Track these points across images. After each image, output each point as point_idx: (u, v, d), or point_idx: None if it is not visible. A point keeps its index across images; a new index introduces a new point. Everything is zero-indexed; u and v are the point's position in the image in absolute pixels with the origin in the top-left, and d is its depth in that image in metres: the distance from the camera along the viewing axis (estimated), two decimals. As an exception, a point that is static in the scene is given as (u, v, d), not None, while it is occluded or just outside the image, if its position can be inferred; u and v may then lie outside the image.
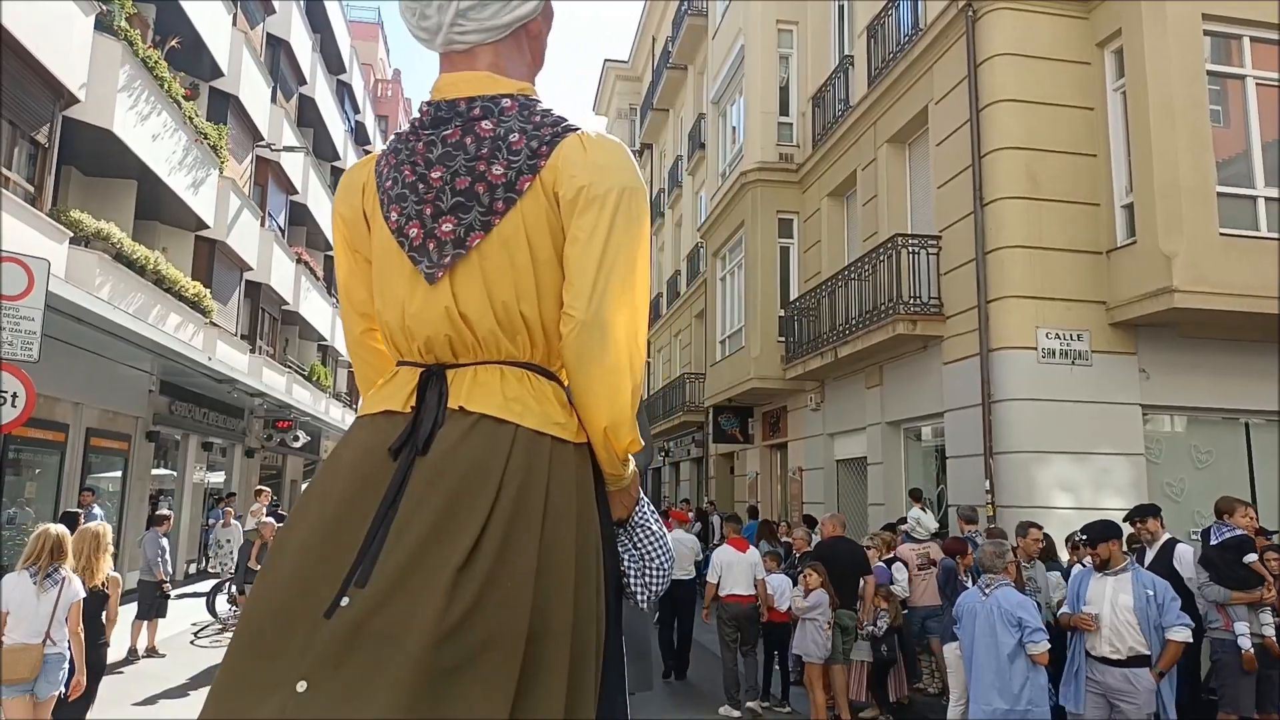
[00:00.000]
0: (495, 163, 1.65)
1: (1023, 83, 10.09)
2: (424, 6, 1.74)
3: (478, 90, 1.72)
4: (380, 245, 1.75)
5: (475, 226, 1.64)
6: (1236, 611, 6.52)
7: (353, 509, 1.53)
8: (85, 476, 14.14)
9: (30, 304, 7.47)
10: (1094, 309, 9.81)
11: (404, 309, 1.69)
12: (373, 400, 1.76)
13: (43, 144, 12.32)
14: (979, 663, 5.66)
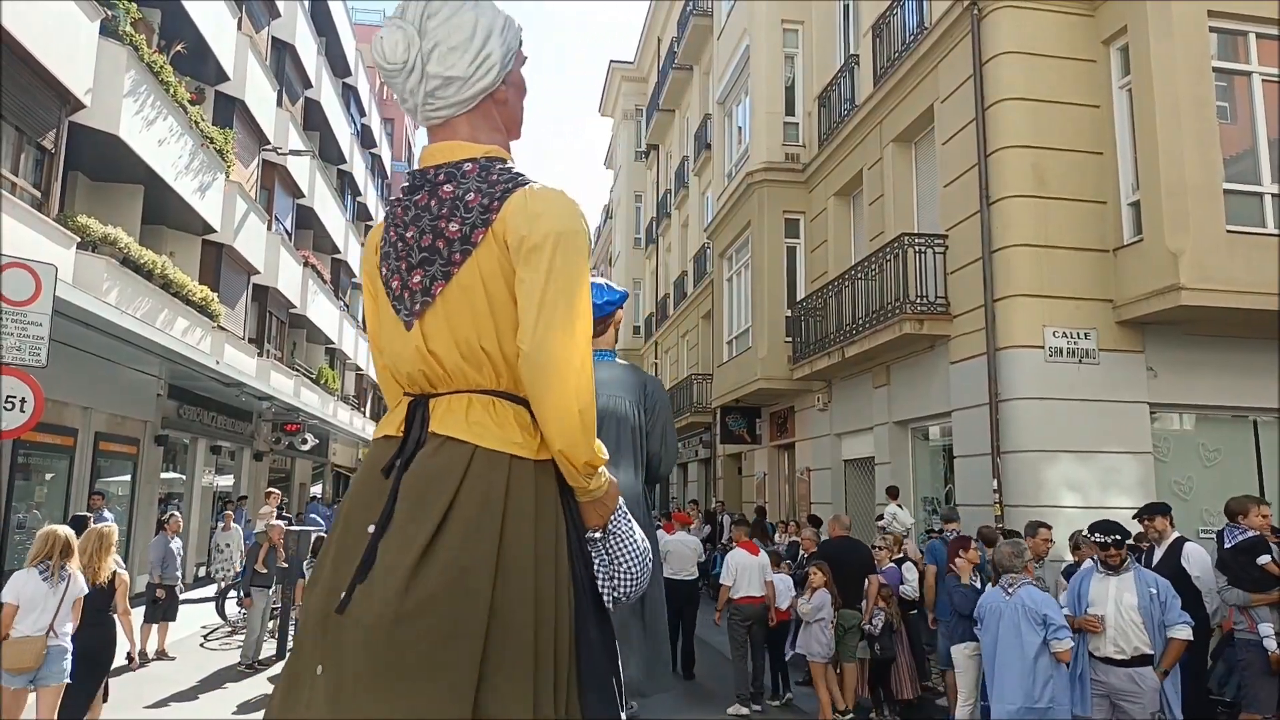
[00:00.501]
0: (453, 220, 1.92)
1: (1028, 81, 10.06)
2: (401, 91, 2.04)
3: (445, 158, 2.01)
4: (380, 296, 2.08)
5: (438, 276, 1.92)
6: (1259, 613, 6.49)
7: (361, 521, 1.86)
8: (94, 480, 14.20)
9: (38, 309, 7.50)
10: (1101, 307, 9.77)
11: (393, 351, 2.05)
12: (380, 426, 2.09)
13: (49, 149, 12.38)
14: (1003, 662, 5.64)
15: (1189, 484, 9.92)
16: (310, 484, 30.67)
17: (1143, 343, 9.81)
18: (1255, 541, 6.65)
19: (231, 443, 21.59)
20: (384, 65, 2.05)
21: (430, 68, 2.00)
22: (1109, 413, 9.62)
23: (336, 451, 33.44)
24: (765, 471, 18.63)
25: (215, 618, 13.29)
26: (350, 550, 1.83)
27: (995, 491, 9.67)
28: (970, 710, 7.25)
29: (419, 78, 2.02)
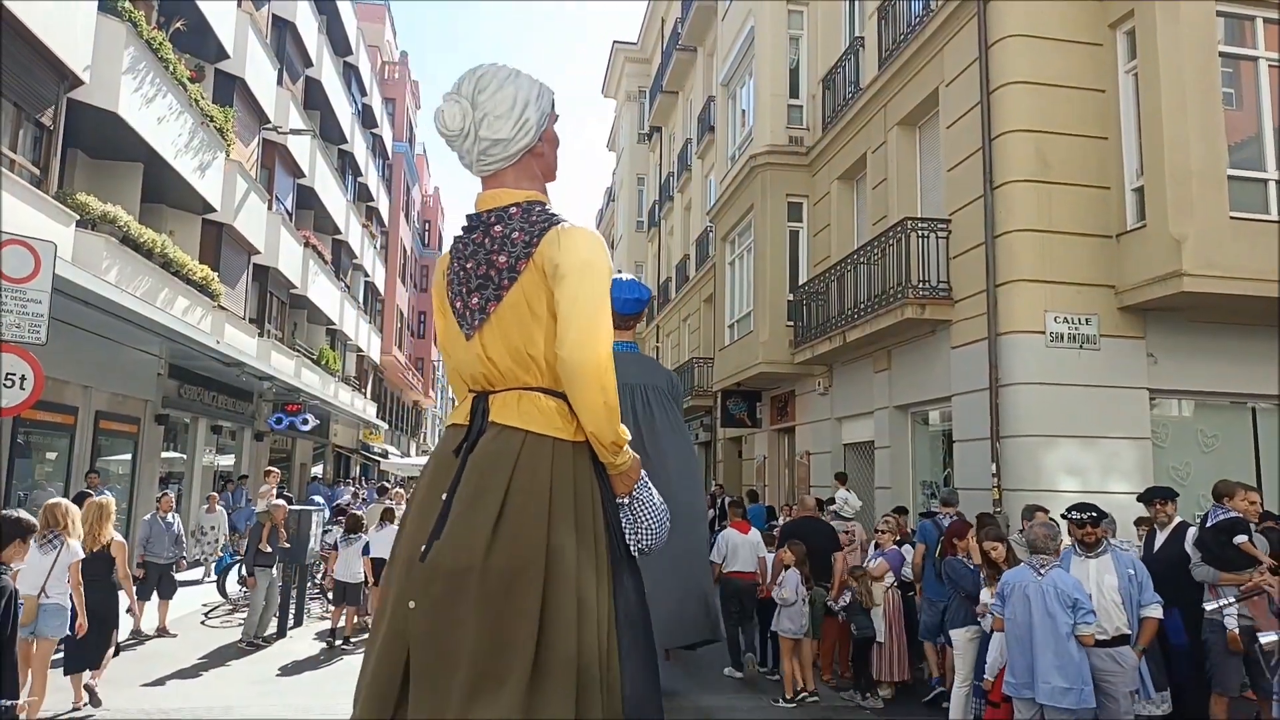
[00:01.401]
0: (501, 254, 2.54)
1: (1034, 64, 10.00)
2: (459, 150, 2.68)
3: (494, 204, 2.65)
4: (448, 314, 2.74)
5: (491, 299, 2.55)
6: (1226, 592, 6.52)
7: (435, 491, 2.52)
8: (95, 459, 14.22)
9: (37, 287, 7.49)
10: (1103, 293, 9.76)
11: (457, 357, 2.73)
12: (450, 417, 2.78)
13: (48, 126, 12.32)
14: (1038, 642, 5.65)
15: (1187, 470, 9.93)
16: (311, 464, 30.72)
17: (1144, 329, 9.80)
18: (1234, 521, 6.68)
19: (232, 422, 21.61)
20: (444, 132, 2.65)
21: (481, 132, 2.59)
22: (1109, 398, 9.62)
23: (337, 432, 33.47)
24: (765, 455, 18.65)
25: (216, 595, 13.33)
26: (428, 513, 2.47)
27: (994, 476, 9.69)
28: (966, 691, 7.30)
29: (473, 141, 2.62)
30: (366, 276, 36.50)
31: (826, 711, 8.33)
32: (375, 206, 38.05)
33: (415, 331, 53.24)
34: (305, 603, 12.44)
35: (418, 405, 59.65)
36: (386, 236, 41.75)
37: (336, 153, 30.21)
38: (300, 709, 8.01)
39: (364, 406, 35.20)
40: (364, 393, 36.73)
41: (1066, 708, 5.55)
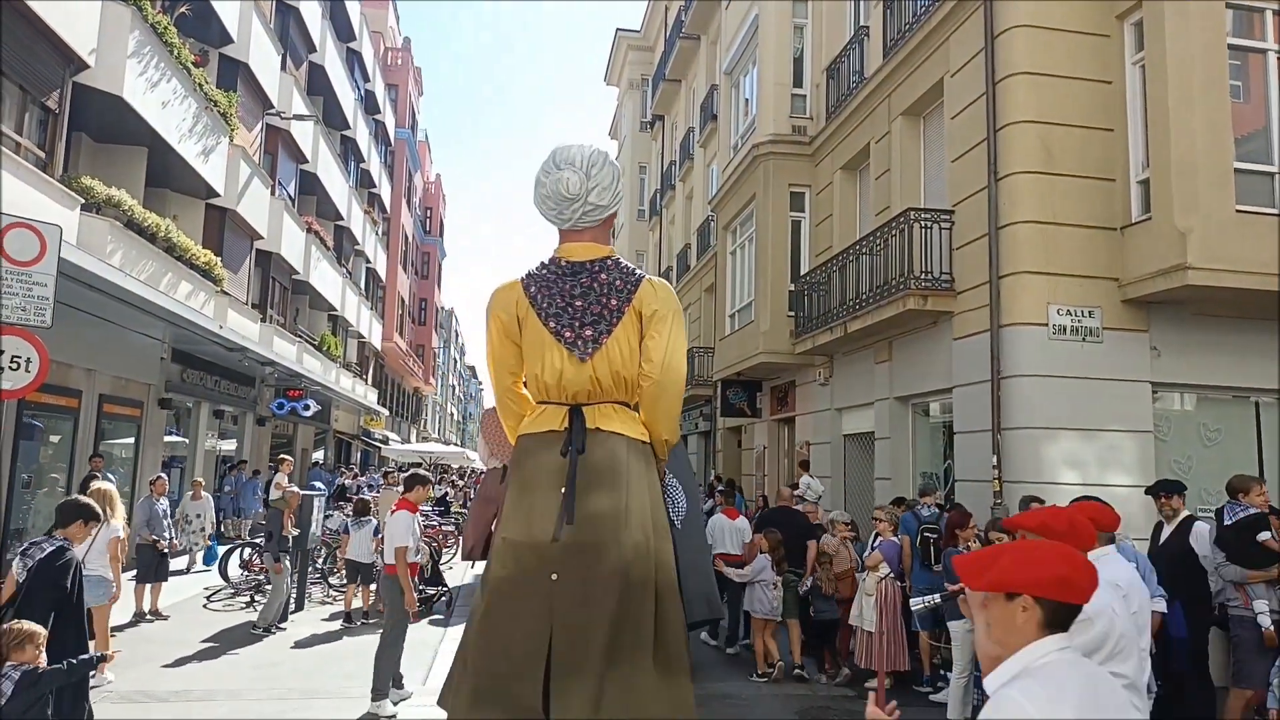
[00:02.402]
0: (611, 298, 3.33)
1: (1040, 55, 9.95)
2: (560, 209, 3.43)
3: (591, 255, 3.42)
4: (536, 336, 3.43)
5: (604, 332, 3.31)
6: (1255, 590, 6.54)
7: (550, 485, 3.16)
8: (98, 443, 14.27)
9: (42, 270, 7.49)
10: (1106, 286, 9.73)
11: (561, 374, 3.36)
12: (534, 423, 3.48)
13: (53, 110, 12.32)
14: None
15: (1189, 463, 9.92)
16: (312, 450, 30.78)
17: (1147, 322, 9.78)
18: (1256, 518, 6.68)
19: (234, 407, 21.66)
20: (563, 195, 3.42)
21: (590, 199, 3.39)
22: (1111, 391, 9.61)
23: (339, 418, 33.52)
24: (765, 445, 18.68)
25: (218, 579, 13.39)
26: (543, 502, 3.10)
27: (995, 468, 9.69)
28: (965, 682, 7.35)
29: (581, 204, 3.41)
30: (368, 263, 36.51)
31: (825, 701, 8.41)
32: (377, 193, 38.02)
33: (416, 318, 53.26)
34: (306, 587, 12.50)
35: (418, 392, 59.69)
36: (388, 223, 41.73)
37: (339, 139, 30.18)
38: (306, 691, 8.07)
39: (365, 392, 35.25)
40: (365, 379, 36.77)
41: None
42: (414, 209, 50.95)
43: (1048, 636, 2.05)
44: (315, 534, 12.41)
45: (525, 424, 4.11)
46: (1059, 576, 2.03)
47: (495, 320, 4.03)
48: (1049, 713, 1.92)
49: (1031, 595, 2.04)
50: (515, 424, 4.52)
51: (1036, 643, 2.05)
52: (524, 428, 4.01)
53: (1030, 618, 2.04)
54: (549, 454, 3.60)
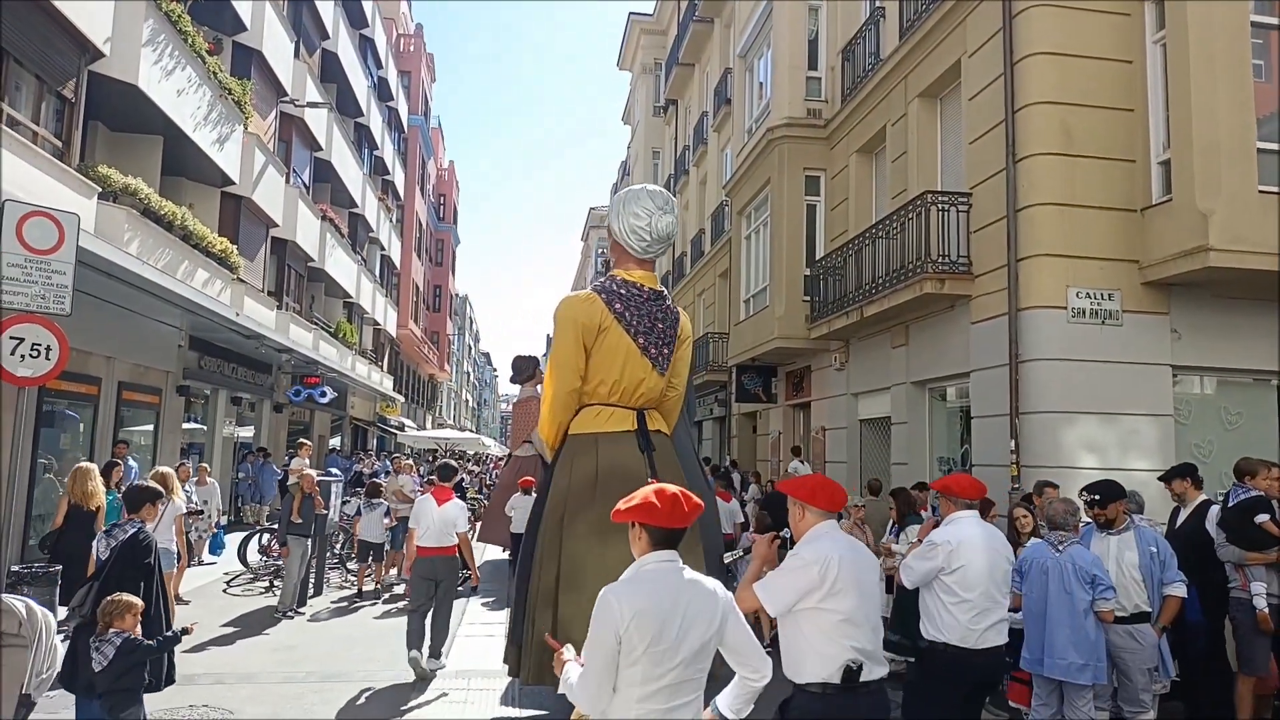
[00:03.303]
0: (672, 326, 6.10)
1: (1059, 35, 9.85)
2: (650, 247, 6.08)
3: (657, 286, 6.11)
4: (618, 345, 5.84)
5: (671, 352, 6.11)
6: (1253, 572, 6.49)
7: (636, 474, 5.45)
8: (118, 429, 14.37)
9: (61, 258, 7.52)
10: (1126, 268, 9.65)
11: (642, 382, 5.88)
12: (607, 424, 5.93)
13: (70, 99, 12.35)
14: (1054, 619, 5.65)
15: (1209, 447, 9.85)
16: (329, 436, 30.94)
17: (1168, 304, 9.69)
18: (1256, 500, 6.61)
19: (252, 394, 21.77)
20: (664, 236, 5.90)
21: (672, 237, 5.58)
22: (1130, 374, 9.54)
23: (355, 405, 33.66)
24: (780, 430, 18.65)
25: (238, 564, 13.49)
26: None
27: (1013, 452, 9.65)
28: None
29: (667, 243, 5.58)
30: (383, 250, 36.57)
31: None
32: (391, 180, 38.05)
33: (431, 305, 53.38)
34: (325, 572, 12.58)
35: (433, 379, 59.87)
36: (402, 210, 41.77)
37: (353, 126, 30.19)
38: (325, 675, 8.13)
39: (381, 379, 35.38)
40: (381, 366, 36.91)
41: (1082, 683, 5.57)
42: (428, 196, 50.98)
43: (652, 551, 3.09)
44: (333, 519, 12.48)
45: (589, 423, 6.13)
46: (648, 508, 3.04)
47: (574, 326, 5.87)
48: (628, 604, 2.89)
49: (639, 523, 3.08)
50: (566, 421, 6.33)
51: (644, 556, 3.11)
52: (590, 427, 6.06)
53: (639, 537, 3.10)
54: (628, 450, 5.78)
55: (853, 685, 3.60)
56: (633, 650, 2.87)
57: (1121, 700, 6.04)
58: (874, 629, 3.74)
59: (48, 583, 7.66)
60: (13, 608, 4.36)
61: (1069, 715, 5.66)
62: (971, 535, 5.02)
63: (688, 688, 2.97)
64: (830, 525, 3.86)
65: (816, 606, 3.64)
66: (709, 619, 3.03)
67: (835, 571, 3.63)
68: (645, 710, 2.89)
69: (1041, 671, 5.72)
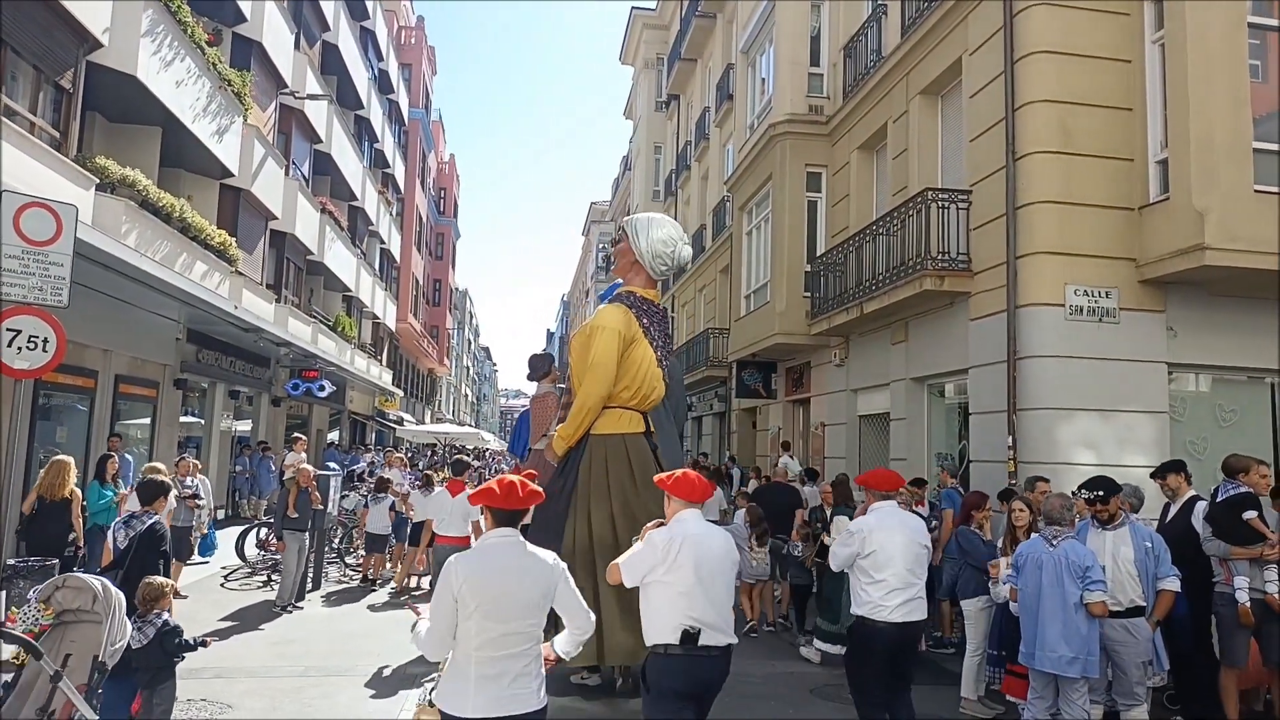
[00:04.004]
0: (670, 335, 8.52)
1: (1060, 34, 9.86)
2: (667, 271, 7.45)
3: (660, 302, 7.67)
4: (643, 356, 6.96)
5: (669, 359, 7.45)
6: (1237, 566, 6.53)
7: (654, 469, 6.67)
8: (114, 423, 14.36)
9: (59, 250, 7.50)
10: (1124, 266, 9.67)
11: (654, 389, 7.05)
12: (630, 426, 7.07)
13: (68, 89, 12.34)
14: (1046, 613, 5.69)
15: (1204, 444, 9.88)
16: (328, 430, 30.93)
17: (1164, 302, 9.72)
18: (1244, 496, 6.66)
19: (250, 388, 21.76)
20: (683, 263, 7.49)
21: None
22: (1127, 372, 9.57)
23: (353, 399, 33.65)
24: (780, 426, 18.66)
25: (235, 559, 13.49)
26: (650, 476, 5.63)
27: (1010, 449, 9.67)
28: (979, 660, 7.36)
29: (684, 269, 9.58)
30: (382, 243, 36.54)
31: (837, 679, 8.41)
32: (391, 173, 38.00)
33: (430, 299, 53.35)
34: (324, 566, 12.59)
35: (433, 373, 59.87)
36: (402, 203, 41.72)
37: (353, 118, 30.14)
38: (323, 669, 8.14)
39: (380, 373, 35.37)
40: (380, 360, 36.90)
41: (1072, 676, 5.60)
42: (428, 189, 50.93)
43: (495, 529, 3.74)
44: (332, 514, 12.48)
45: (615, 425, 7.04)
46: (489, 494, 3.72)
47: (617, 338, 6.81)
48: (463, 571, 3.55)
49: (484, 506, 3.78)
50: (592, 422, 7.02)
51: (488, 532, 3.77)
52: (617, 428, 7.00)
53: (485, 517, 3.81)
54: (646, 448, 7.03)
55: (691, 648, 4.28)
56: (466, 607, 3.49)
57: (1116, 693, 6.09)
58: (713, 602, 4.37)
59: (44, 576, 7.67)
60: (89, 585, 4.66)
61: (1064, 709, 5.70)
62: (886, 523, 5.62)
63: (519, 639, 3.55)
64: (691, 513, 4.54)
65: (660, 580, 4.35)
66: (540, 584, 3.65)
67: (677, 551, 4.32)
68: (480, 656, 3.50)
69: (1034, 665, 5.75)
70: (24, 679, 4.39)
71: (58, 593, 4.65)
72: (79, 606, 4.63)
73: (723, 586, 4.48)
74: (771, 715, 7.16)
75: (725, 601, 4.47)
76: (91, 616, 4.62)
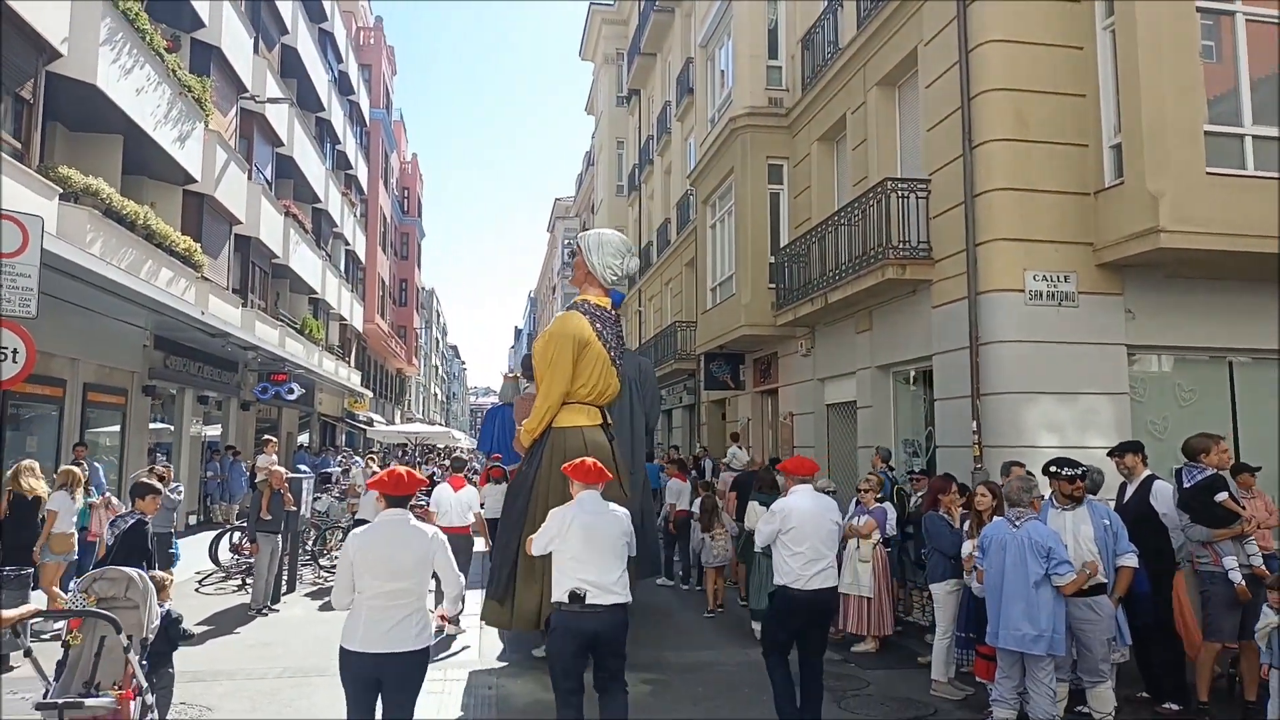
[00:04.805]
0: (622, 336, 8.15)
1: (1012, 22, 10.02)
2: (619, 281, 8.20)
3: (610, 309, 8.07)
4: (597, 358, 7.73)
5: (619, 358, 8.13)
6: (1222, 548, 6.75)
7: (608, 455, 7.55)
8: (84, 431, 14.26)
9: (26, 261, 7.50)
10: (1081, 250, 9.87)
11: (609, 386, 7.88)
12: (588, 418, 7.81)
13: (28, 100, 12.22)
14: (1009, 592, 5.84)
15: (1164, 424, 10.10)
16: (297, 433, 30.76)
17: (1122, 285, 9.92)
18: (1213, 480, 6.88)
19: (218, 393, 21.62)
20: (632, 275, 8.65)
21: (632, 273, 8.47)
22: (1087, 355, 9.77)
23: (323, 401, 33.48)
24: (749, 417, 18.84)
25: (209, 564, 13.45)
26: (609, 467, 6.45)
27: (974, 433, 9.86)
28: (948, 643, 7.54)
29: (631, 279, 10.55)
30: (347, 245, 36.34)
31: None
32: (354, 174, 37.78)
33: (397, 299, 53.09)
34: (298, 569, 12.60)
35: (401, 373, 59.58)
36: (366, 204, 41.48)
37: (314, 121, 29.95)
38: (302, 670, 8.19)
39: (348, 375, 35.21)
40: (348, 361, 36.72)
41: (1037, 653, 5.76)
42: (391, 189, 50.64)
43: (386, 509, 4.82)
44: (304, 516, 12.49)
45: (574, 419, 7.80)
46: (381, 483, 4.82)
47: (573, 343, 7.66)
48: (356, 542, 4.70)
49: (379, 491, 4.85)
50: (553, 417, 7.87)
51: (382, 511, 4.83)
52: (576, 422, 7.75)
53: (379, 500, 4.85)
54: (603, 439, 7.69)
55: (580, 605, 5.23)
56: (360, 569, 4.60)
57: (1081, 671, 6.26)
58: (601, 567, 5.30)
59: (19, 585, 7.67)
60: (125, 574, 5.40)
61: (1030, 687, 5.85)
62: (801, 503, 6.38)
63: (399, 594, 4.59)
64: (588, 494, 5.54)
65: (557, 549, 5.37)
66: (417, 551, 4.68)
67: (569, 524, 5.33)
68: (370, 604, 4.57)
69: (1000, 644, 5.91)
70: (71, 657, 5.12)
71: (95, 584, 5.36)
72: (114, 595, 5.32)
73: (611, 555, 5.37)
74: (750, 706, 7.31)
75: (612, 567, 5.35)
76: (126, 603, 5.32)
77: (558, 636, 5.33)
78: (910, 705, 7.26)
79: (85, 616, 5.15)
